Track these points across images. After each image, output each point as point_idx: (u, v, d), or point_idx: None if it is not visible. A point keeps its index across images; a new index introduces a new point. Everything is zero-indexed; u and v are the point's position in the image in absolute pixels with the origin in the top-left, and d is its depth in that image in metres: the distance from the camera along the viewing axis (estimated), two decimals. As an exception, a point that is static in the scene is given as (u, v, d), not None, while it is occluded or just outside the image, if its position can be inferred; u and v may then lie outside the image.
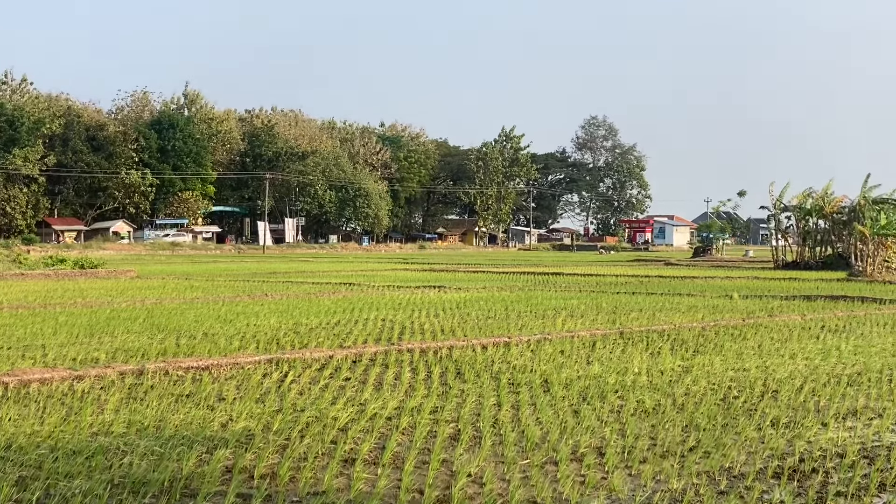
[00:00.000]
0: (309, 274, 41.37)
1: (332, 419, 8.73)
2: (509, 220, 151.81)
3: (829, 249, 53.37)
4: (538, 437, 8.14)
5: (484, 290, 28.60)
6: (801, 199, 54.58)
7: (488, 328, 16.95)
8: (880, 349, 14.64)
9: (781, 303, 24.00)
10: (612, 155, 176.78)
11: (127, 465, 7.03)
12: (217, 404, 9.50)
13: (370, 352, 13.22)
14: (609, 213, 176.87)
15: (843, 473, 7.17)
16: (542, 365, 12.36)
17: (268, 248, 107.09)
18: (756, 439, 8.20)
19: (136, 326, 16.65)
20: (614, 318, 18.93)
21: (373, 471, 7.07)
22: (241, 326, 16.91)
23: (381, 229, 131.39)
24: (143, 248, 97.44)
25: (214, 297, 24.42)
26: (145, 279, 34.70)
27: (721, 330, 16.92)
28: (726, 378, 11.50)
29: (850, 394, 10.56)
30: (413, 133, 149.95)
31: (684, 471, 7.17)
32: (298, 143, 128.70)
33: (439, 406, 9.51)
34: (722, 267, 55.42)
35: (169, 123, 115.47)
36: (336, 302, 22.92)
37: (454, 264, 56.66)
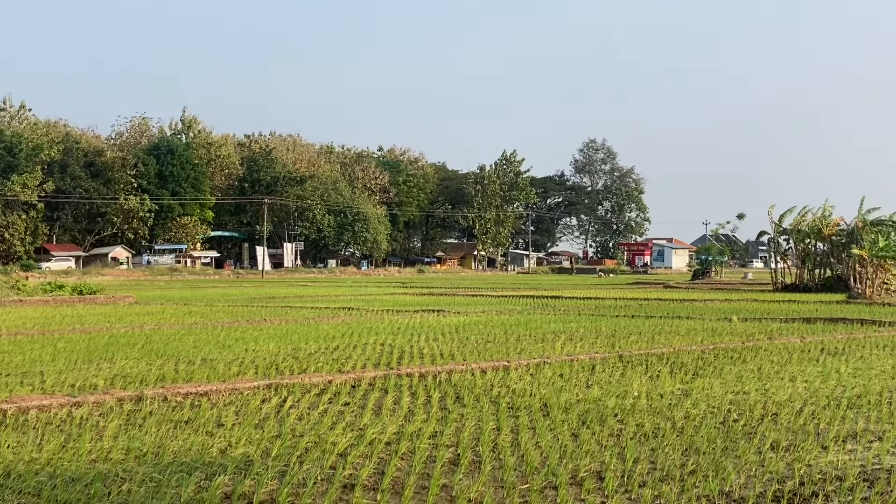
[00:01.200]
0: (308, 299, 41.35)
1: (331, 444, 8.72)
2: (508, 243, 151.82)
3: (828, 272, 53.38)
4: (537, 461, 8.13)
5: (483, 313, 28.59)
6: (798, 220, 54.64)
7: (487, 352, 16.94)
8: (880, 371, 14.62)
9: (781, 325, 23.99)
10: (611, 178, 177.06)
11: (125, 493, 7.02)
12: (216, 430, 9.48)
13: (369, 376, 13.21)
14: (608, 236, 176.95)
15: (843, 497, 7.15)
16: (542, 389, 12.34)
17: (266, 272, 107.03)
18: (756, 462, 8.19)
19: (135, 352, 16.63)
20: (613, 342, 18.91)
21: (372, 496, 7.05)
22: (240, 352, 16.89)
23: (379, 253, 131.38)
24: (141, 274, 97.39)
25: (213, 322, 24.40)
26: (144, 305, 34.69)
27: (720, 353, 16.91)
28: (726, 401, 11.48)
29: (849, 416, 10.54)
30: (412, 157, 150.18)
31: (683, 495, 7.16)
32: (297, 167, 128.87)
33: (438, 431, 9.49)
34: (721, 289, 55.43)
35: (167, 149, 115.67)
36: (335, 327, 22.90)
37: (453, 288, 56.65)
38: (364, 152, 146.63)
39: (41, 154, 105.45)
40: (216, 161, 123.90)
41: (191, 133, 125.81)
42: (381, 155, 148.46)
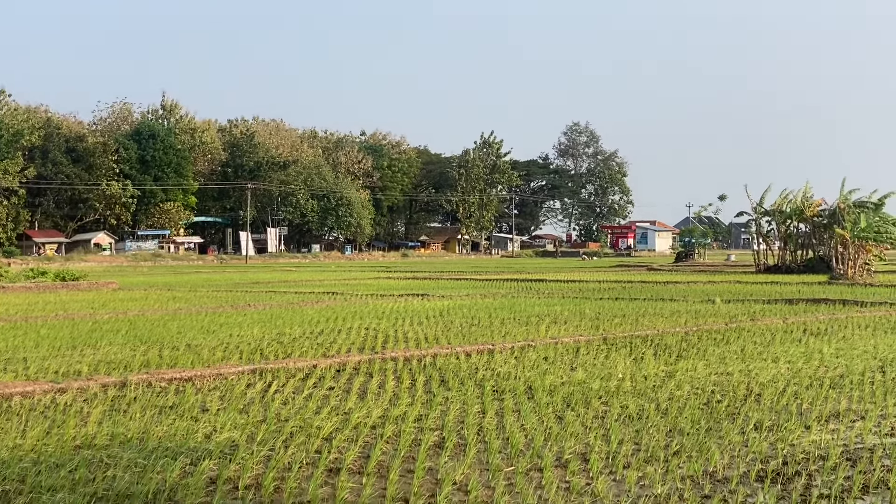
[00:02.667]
0: (292, 283, 41.30)
1: (316, 429, 8.72)
2: (492, 227, 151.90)
3: (810, 253, 53.55)
4: (522, 443, 8.15)
5: (467, 297, 28.61)
6: (779, 202, 54.77)
7: (472, 335, 16.95)
8: (862, 351, 14.70)
9: (763, 307, 24.08)
10: (594, 161, 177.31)
11: (110, 478, 7.00)
12: (201, 415, 9.47)
13: (354, 361, 13.21)
14: (591, 219, 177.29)
15: (826, 476, 7.20)
16: (526, 372, 12.37)
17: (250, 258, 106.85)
18: (739, 443, 8.23)
19: (119, 338, 16.59)
20: (598, 324, 18.96)
21: (357, 480, 7.06)
22: (224, 337, 16.86)
23: (363, 238, 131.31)
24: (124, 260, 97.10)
25: (197, 307, 24.35)
26: (127, 291, 34.58)
27: (704, 334, 16.97)
28: (709, 382, 11.53)
29: (832, 396, 10.60)
30: (394, 141, 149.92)
31: (668, 475, 7.19)
32: (280, 152, 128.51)
33: (423, 414, 9.50)
34: (704, 272, 55.56)
35: (149, 134, 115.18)
36: (319, 311, 22.89)
37: (437, 272, 56.66)
38: (347, 137, 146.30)
39: (22, 140, 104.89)
40: (199, 146, 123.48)
41: (172, 118, 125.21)
42: (363, 139, 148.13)
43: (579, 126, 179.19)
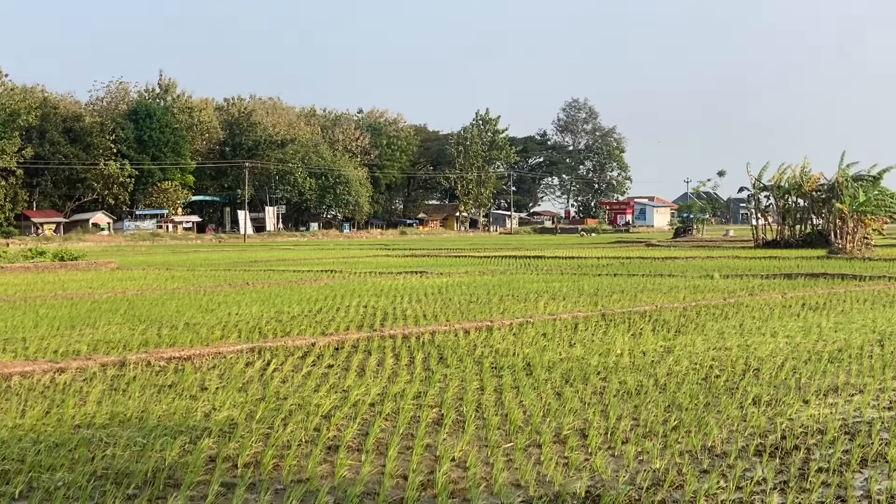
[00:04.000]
0: (290, 262, 41.30)
1: (315, 406, 8.73)
2: (490, 204, 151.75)
3: (808, 227, 53.55)
4: (521, 420, 8.16)
5: (466, 274, 28.62)
6: (777, 177, 54.72)
7: (470, 312, 16.97)
8: (860, 325, 14.72)
9: (762, 281, 24.09)
10: (593, 137, 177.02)
11: (110, 457, 7.02)
12: (200, 394, 9.48)
13: (353, 338, 13.22)
14: (589, 196, 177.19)
15: (825, 450, 7.21)
16: (525, 348, 12.38)
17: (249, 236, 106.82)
18: (738, 417, 8.25)
19: (118, 318, 16.59)
20: (596, 300, 18.97)
21: (356, 457, 7.07)
22: (223, 316, 16.87)
23: (361, 216, 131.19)
24: (123, 239, 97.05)
25: (196, 286, 24.35)
26: (126, 270, 34.58)
27: (702, 310, 16.98)
28: (708, 357, 11.55)
29: (831, 370, 10.62)
30: (391, 118, 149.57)
31: (667, 450, 7.20)
32: (277, 130, 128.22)
33: (422, 391, 9.52)
34: (703, 247, 55.59)
35: (146, 113, 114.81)
36: (318, 289, 22.89)
37: (436, 249, 56.67)
38: (344, 115, 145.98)
39: (19, 120, 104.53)
40: (196, 125, 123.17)
41: (169, 97, 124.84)
42: (360, 117, 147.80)
43: (578, 102, 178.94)
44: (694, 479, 6.41)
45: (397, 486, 6.37)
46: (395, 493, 6.18)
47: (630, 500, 6.00)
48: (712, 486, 6.24)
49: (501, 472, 6.56)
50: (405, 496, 6.01)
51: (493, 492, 6.23)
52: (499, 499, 6.06)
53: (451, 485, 6.31)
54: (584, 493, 6.17)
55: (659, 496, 6.06)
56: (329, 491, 6.21)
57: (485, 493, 6.21)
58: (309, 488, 6.27)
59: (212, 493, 6.11)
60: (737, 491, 6.21)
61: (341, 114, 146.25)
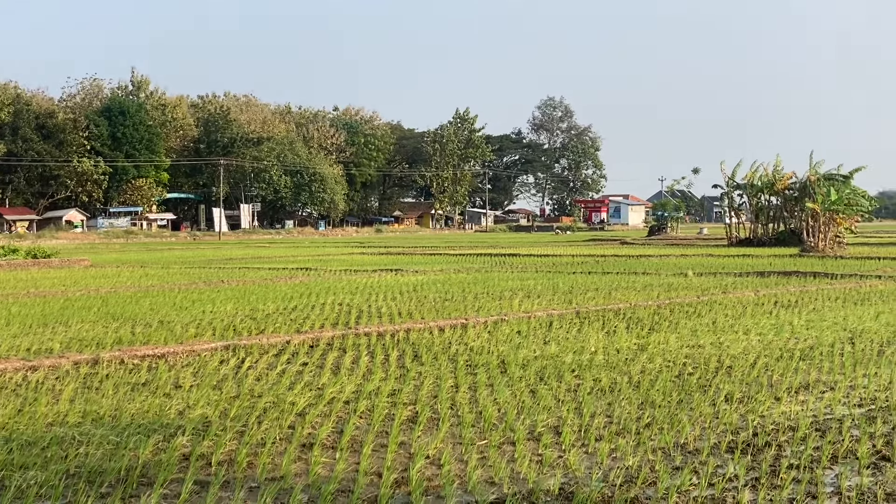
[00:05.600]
0: (265, 260, 41.20)
1: (289, 404, 8.73)
2: (465, 202, 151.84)
3: (781, 226, 53.88)
4: (495, 417, 8.19)
5: (441, 272, 28.64)
6: (750, 175, 55.01)
7: (445, 310, 16.99)
8: (832, 323, 14.83)
9: (735, 279, 24.23)
10: (568, 136, 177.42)
11: (83, 455, 6.99)
12: (174, 392, 9.46)
13: (327, 336, 13.21)
14: (564, 194, 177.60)
15: (796, 447, 7.27)
16: (499, 346, 12.41)
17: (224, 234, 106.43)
18: (710, 415, 8.30)
19: (91, 316, 16.52)
20: (570, 298, 19.02)
21: (331, 455, 7.08)
22: (198, 314, 16.82)
23: (337, 214, 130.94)
24: (96, 237, 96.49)
25: (170, 284, 24.26)
26: (99, 268, 34.40)
27: (676, 308, 17.06)
28: (681, 355, 11.61)
29: (802, 368, 10.70)
30: (367, 116, 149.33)
31: (640, 447, 7.25)
32: (252, 128, 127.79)
33: (397, 389, 9.53)
34: (677, 245, 55.81)
35: (119, 110, 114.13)
36: (293, 287, 22.86)
37: (411, 247, 56.65)
38: (320, 112, 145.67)
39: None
40: (170, 122, 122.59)
41: (142, 94, 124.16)
42: (336, 115, 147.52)
43: (554, 101, 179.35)
44: (667, 475, 6.45)
45: (371, 483, 6.38)
46: (370, 491, 6.19)
47: (603, 498, 6.03)
48: (685, 482, 6.29)
49: (475, 469, 6.58)
50: (379, 494, 6.02)
51: (467, 489, 6.24)
52: (473, 496, 6.08)
53: (425, 482, 6.32)
54: (557, 490, 6.20)
55: (632, 493, 6.10)
56: (303, 489, 6.22)
57: (459, 490, 6.23)
58: (283, 486, 6.27)
59: (185, 491, 6.10)
60: (709, 488, 6.25)
61: (317, 111, 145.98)
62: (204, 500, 5.97)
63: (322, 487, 6.14)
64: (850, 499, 6.03)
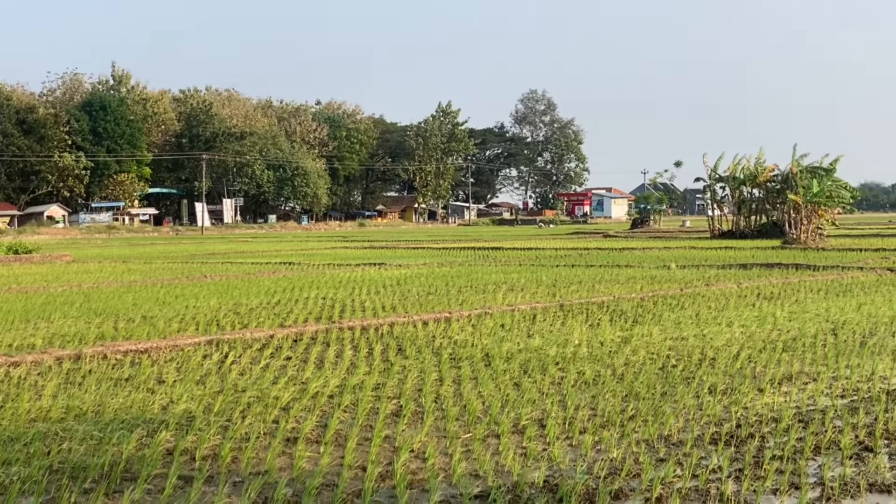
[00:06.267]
0: (248, 254, 41.10)
1: (273, 399, 8.71)
2: (449, 195, 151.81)
3: (763, 218, 54.00)
4: (480, 410, 8.19)
5: (424, 266, 28.62)
6: (732, 168, 55.13)
7: (429, 304, 16.98)
8: (814, 315, 14.88)
9: (718, 272, 24.30)
10: (551, 129, 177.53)
11: (66, 451, 6.97)
12: (157, 387, 9.43)
13: (311, 330, 13.19)
14: (548, 187, 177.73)
15: (779, 438, 7.30)
16: (483, 339, 12.41)
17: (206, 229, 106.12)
18: (694, 406, 8.32)
19: (73, 311, 16.45)
20: (554, 291, 19.04)
21: (315, 449, 7.07)
22: (181, 308, 16.77)
23: (320, 208, 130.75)
24: (78, 232, 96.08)
25: (153, 279, 24.18)
26: (81, 263, 34.26)
27: (659, 300, 17.10)
28: (665, 347, 11.64)
29: (785, 359, 10.74)
30: (349, 110, 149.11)
31: (624, 440, 7.26)
32: (234, 122, 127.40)
33: (381, 383, 9.52)
34: (660, 238, 55.92)
35: (100, 105, 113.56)
36: (276, 281, 22.81)
37: (394, 241, 56.61)
38: (302, 106, 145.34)
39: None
40: (152, 117, 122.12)
41: (123, 89, 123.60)
42: (318, 109, 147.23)
43: (536, 94, 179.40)
44: (650, 467, 6.47)
45: (356, 477, 6.37)
46: (354, 485, 6.18)
47: (588, 490, 6.03)
48: (668, 474, 6.30)
49: (460, 462, 6.58)
50: (364, 487, 6.01)
51: (451, 482, 6.25)
52: (457, 489, 6.08)
53: (409, 476, 6.32)
54: (542, 482, 6.20)
55: (616, 485, 6.11)
56: (288, 483, 6.21)
57: (443, 483, 6.23)
58: (267, 480, 6.26)
59: (169, 486, 6.08)
60: (693, 479, 6.27)
61: (299, 105, 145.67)
62: (188, 495, 5.95)
63: (306, 482, 6.13)
64: (833, 489, 6.06)
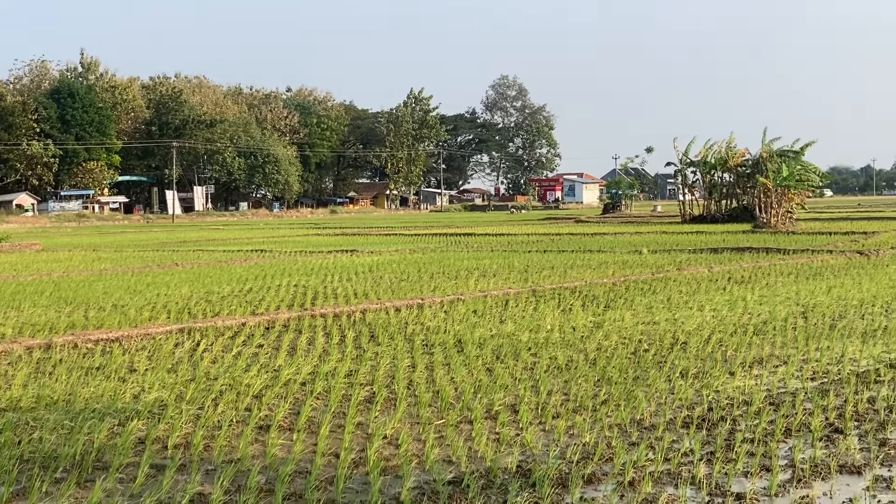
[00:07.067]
0: (220, 242, 40.92)
1: (245, 386, 8.68)
2: (420, 182, 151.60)
3: (734, 202, 54.27)
4: (453, 396, 8.19)
5: (396, 252, 28.60)
6: (704, 152, 55.34)
7: (401, 290, 16.97)
8: (784, 298, 14.98)
9: (689, 256, 24.41)
10: (522, 115, 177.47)
11: (37, 441, 6.92)
12: (128, 376, 9.38)
13: (283, 318, 13.16)
14: (519, 173, 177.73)
15: (750, 420, 7.34)
16: (456, 325, 12.42)
17: (177, 217, 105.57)
18: (666, 391, 8.36)
19: (43, 300, 16.33)
20: (526, 277, 19.07)
21: (288, 436, 7.05)
22: (152, 297, 16.69)
23: (291, 195, 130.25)
24: (48, 221, 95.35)
25: (123, 268, 24.04)
26: (51, 252, 34.01)
27: (631, 285, 17.15)
28: (637, 332, 11.68)
29: (756, 343, 10.80)
30: (320, 97, 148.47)
31: (596, 424, 7.28)
32: (204, 109, 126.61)
33: (353, 370, 9.51)
34: (631, 223, 56.11)
35: (69, 92, 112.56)
36: (248, 269, 22.73)
37: (366, 228, 56.53)
38: (273, 93, 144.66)
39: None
40: (121, 104, 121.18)
41: (92, 76, 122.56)
42: (289, 96, 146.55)
43: (508, 80, 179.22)
44: (623, 451, 6.49)
45: (329, 464, 6.37)
46: (327, 472, 6.17)
47: (560, 474, 6.05)
48: (641, 458, 6.33)
49: (433, 448, 6.58)
50: (337, 474, 6.00)
51: (425, 468, 6.25)
52: (430, 475, 6.09)
53: (382, 462, 6.32)
54: (515, 467, 6.22)
55: (589, 469, 6.13)
56: (260, 470, 6.19)
57: (417, 469, 6.23)
58: (240, 468, 6.24)
59: (141, 474, 6.06)
60: (665, 462, 6.30)
61: (269, 92, 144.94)
62: (160, 483, 5.93)
63: (279, 469, 6.12)
64: (803, 471, 6.10)
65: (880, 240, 30.24)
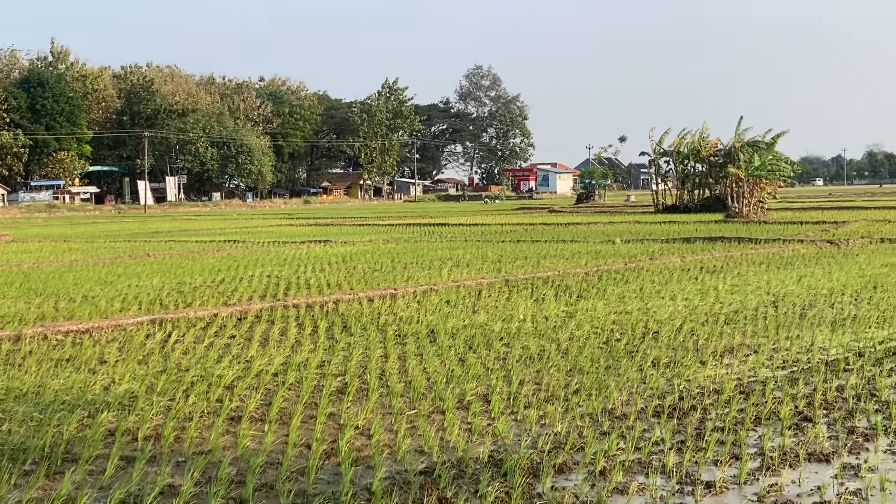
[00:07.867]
0: (192, 232, 40.75)
1: (217, 377, 8.65)
2: (394, 172, 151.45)
3: (706, 192, 54.47)
4: (425, 387, 8.20)
5: (370, 242, 28.56)
6: (677, 142, 55.53)
7: (375, 281, 16.95)
8: (755, 288, 15.06)
9: (662, 246, 24.50)
10: (496, 105, 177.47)
11: (6, 433, 6.88)
12: (99, 367, 9.33)
13: (256, 308, 13.12)
14: (493, 163, 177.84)
15: (721, 409, 7.38)
16: (429, 315, 12.42)
17: (149, 207, 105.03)
18: (637, 380, 8.39)
19: (13, 291, 16.21)
20: (499, 267, 19.09)
21: (259, 427, 7.04)
22: (123, 288, 16.60)
23: (264, 185, 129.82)
24: (17, 211, 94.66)
25: (94, 259, 23.90)
26: (21, 243, 33.77)
27: (604, 274, 17.20)
28: (609, 321, 11.71)
29: (727, 332, 10.86)
30: (293, 87, 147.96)
31: (568, 414, 7.30)
32: (176, 99, 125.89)
33: (326, 360, 9.50)
34: (604, 213, 56.24)
35: (38, 82, 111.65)
36: (220, 260, 22.65)
37: (339, 218, 56.42)
38: (245, 83, 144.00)
39: None
40: (92, 94, 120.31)
41: (62, 65, 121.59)
42: (262, 85, 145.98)
43: (482, 70, 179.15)
44: (594, 441, 6.51)
45: (301, 455, 6.35)
46: (299, 463, 6.16)
47: (532, 464, 6.06)
48: (612, 447, 6.35)
49: (405, 438, 6.59)
50: (308, 465, 5.99)
51: (396, 459, 6.25)
52: (402, 465, 6.09)
53: (354, 452, 6.31)
54: (486, 457, 6.22)
55: (560, 458, 6.15)
56: (232, 462, 6.17)
57: (388, 460, 6.23)
58: (211, 460, 6.22)
59: (111, 466, 6.03)
60: (636, 451, 6.33)
61: (242, 82, 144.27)
62: (130, 475, 5.90)
63: (251, 460, 6.10)
64: (773, 459, 6.14)
65: (850, 229, 30.44)
